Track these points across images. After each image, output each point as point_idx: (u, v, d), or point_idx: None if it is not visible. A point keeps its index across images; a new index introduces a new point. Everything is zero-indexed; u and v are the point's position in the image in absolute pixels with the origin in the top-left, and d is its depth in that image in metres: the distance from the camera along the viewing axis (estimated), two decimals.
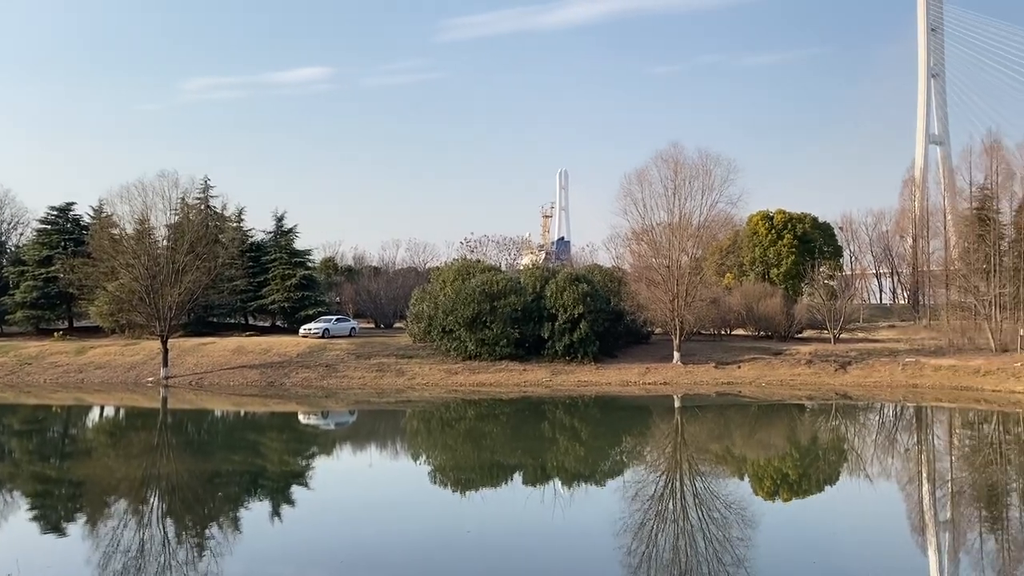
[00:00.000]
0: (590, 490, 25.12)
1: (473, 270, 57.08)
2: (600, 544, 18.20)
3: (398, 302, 67.73)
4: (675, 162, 54.52)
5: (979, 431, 36.10)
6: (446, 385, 49.33)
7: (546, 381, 49.93)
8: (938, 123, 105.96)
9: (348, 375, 50.67)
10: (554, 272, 57.88)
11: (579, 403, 44.66)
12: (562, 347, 52.26)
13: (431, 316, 53.85)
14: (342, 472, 28.38)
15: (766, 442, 34.68)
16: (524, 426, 38.62)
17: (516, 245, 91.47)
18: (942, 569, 16.66)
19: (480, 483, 25.95)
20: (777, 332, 62.80)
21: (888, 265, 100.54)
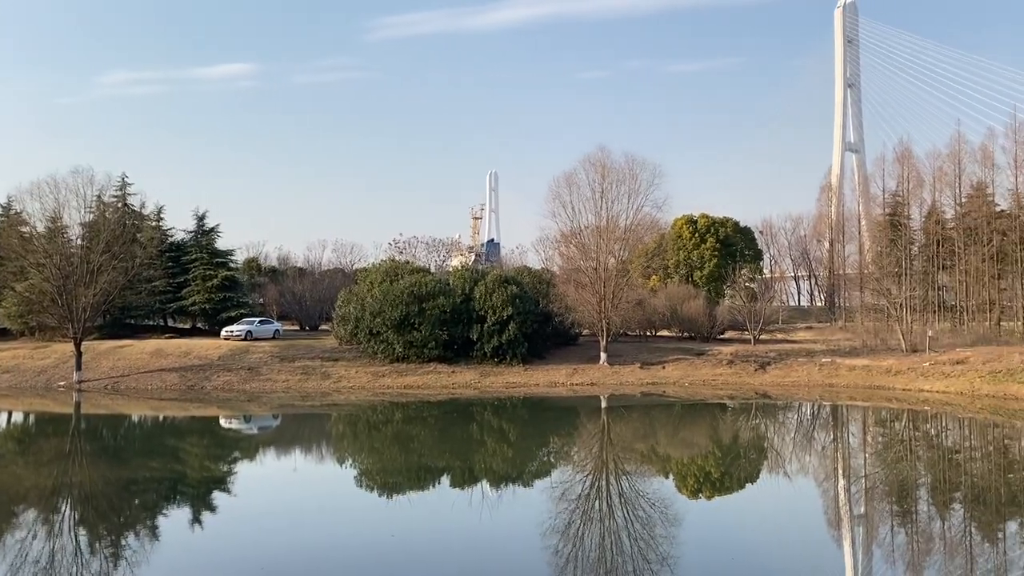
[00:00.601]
0: (518, 491, 25.16)
1: (401, 271, 56.64)
2: (527, 545, 18.23)
3: (324, 304, 66.64)
4: (602, 166, 55.26)
5: (890, 428, 37.56)
6: (373, 388, 48.78)
7: (475, 383, 49.86)
8: (854, 131, 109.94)
9: (272, 378, 49.62)
10: (483, 274, 57.86)
11: (507, 404, 44.74)
12: (491, 349, 52.29)
13: (358, 318, 53.17)
14: (265, 477, 27.74)
15: (689, 441, 35.36)
16: (452, 428, 38.48)
17: (446, 247, 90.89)
18: (856, 562, 17.24)
19: (407, 486, 25.72)
20: (700, 333, 64.19)
21: (806, 268, 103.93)
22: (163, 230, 67.10)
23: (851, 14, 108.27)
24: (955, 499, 22.55)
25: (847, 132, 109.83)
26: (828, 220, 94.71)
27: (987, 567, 16.55)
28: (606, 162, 55.32)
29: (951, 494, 23.16)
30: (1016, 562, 16.74)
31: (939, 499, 22.51)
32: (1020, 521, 20.08)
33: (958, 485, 24.38)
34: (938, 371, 47.15)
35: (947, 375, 46.25)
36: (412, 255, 79.67)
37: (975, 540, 18.58)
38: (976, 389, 43.68)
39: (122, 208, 64.70)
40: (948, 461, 28.53)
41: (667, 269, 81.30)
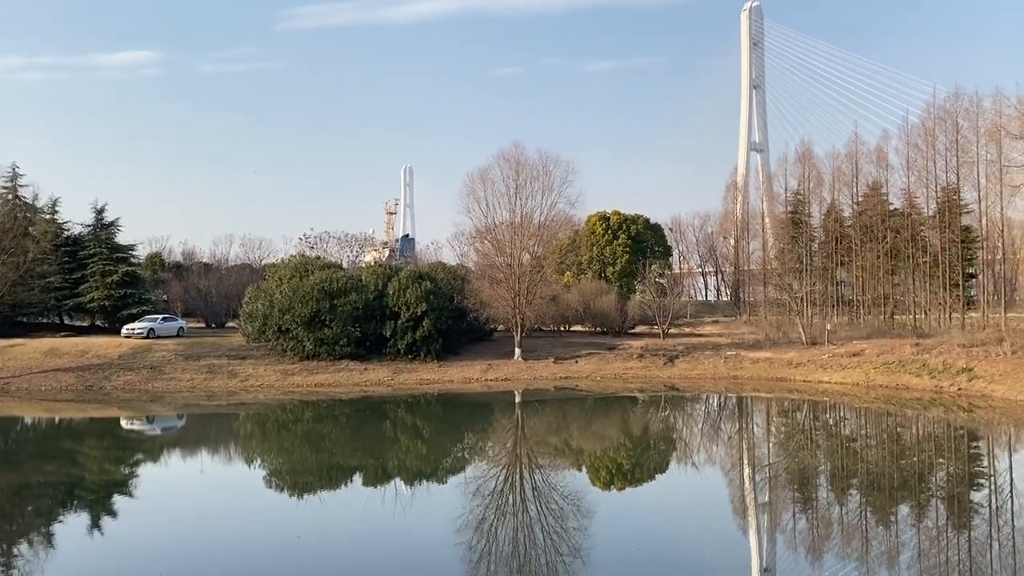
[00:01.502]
0: (432, 488, 24.99)
1: (312, 267, 55.53)
2: (441, 542, 18.12)
3: (231, 300, 64.77)
4: (517, 162, 55.49)
5: (792, 419, 38.99)
6: (282, 387, 47.66)
7: (388, 380, 49.33)
8: (759, 132, 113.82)
9: (176, 377, 47.88)
10: (397, 270, 57.33)
11: (421, 401, 44.43)
12: (404, 345, 51.84)
13: (266, 315, 51.86)
14: (170, 480, 26.71)
15: (601, 434, 35.88)
16: (365, 426, 37.95)
17: (359, 242, 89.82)
18: (761, 548, 17.80)
19: (318, 486, 25.20)
20: (612, 328, 65.27)
21: (713, 264, 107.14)
22: (58, 224, 63.86)
23: (756, 17, 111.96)
24: (852, 485, 23.55)
25: (752, 132, 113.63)
26: (733, 218, 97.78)
27: (881, 549, 17.33)
28: (520, 158, 55.63)
29: (849, 480, 24.19)
30: (908, 543, 17.59)
31: (838, 485, 23.48)
32: (911, 504, 21.11)
33: (855, 472, 25.47)
34: (836, 363, 49.26)
35: (844, 367, 48.35)
36: (323, 250, 78.53)
37: (870, 523, 19.44)
38: (871, 380, 45.81)
39: (13, 200, 61.36)
40: (846, 449, 29.80)
41: (581, 265, 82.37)
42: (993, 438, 32.21)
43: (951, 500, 21.38)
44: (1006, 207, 59.05)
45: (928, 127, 65.42)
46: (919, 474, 24.87)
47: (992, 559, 16.27)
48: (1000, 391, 38.91)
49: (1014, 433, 32.61)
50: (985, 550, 16.84)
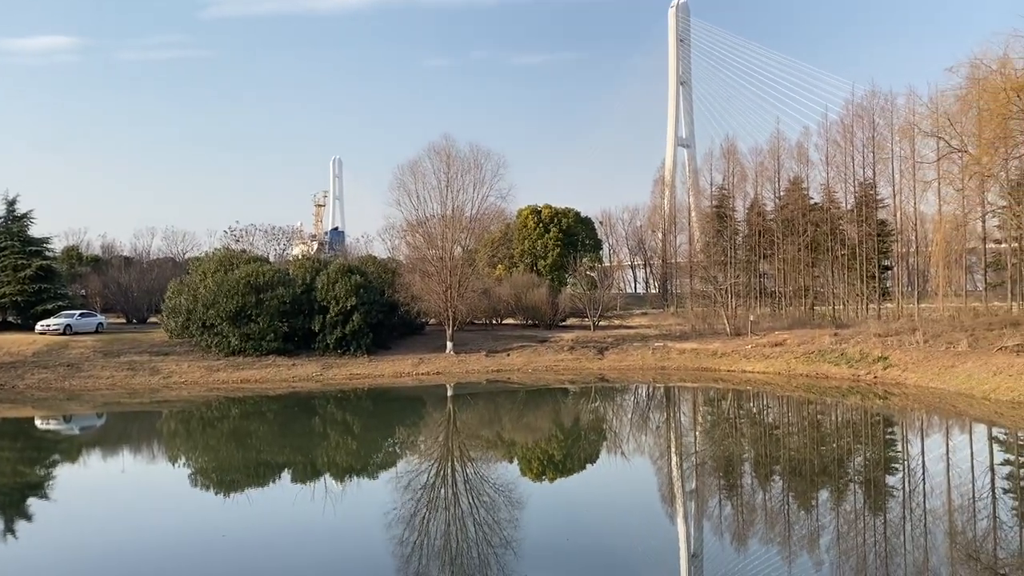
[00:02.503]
0: (362, 483, 24.77)
1: (237, 261, 54.30)
2: (371, 537, 17.97)
3: (153, 295, 62.81)
4: (447, 155, 55.26)
5: (718, 408, 39.94)
6: (207, 383, 46.48)
7: (316, 375, 48.62)
8: (685, 127, 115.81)
9: (95, 375, 46.21)
10: (326, 263, 56.53)
11: (351, 396, 43.94)
12: (334, 340, 51.19)
13: (190, 310, 50.50)
14: (89, 480, 25.78)
15: (533, 425, 36.10)
16: (293, 423, 37.31)
17: (286, 235, 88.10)
18: (688, 535, 18.19)
19: (245, 484, 24.67)
20: (544, 321, 65.72)
21: (642, 257, 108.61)
22: None
23: (683, 14, 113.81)
24: (775, 471, 24.27)
25: (679, 128, 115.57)
26: (661, 212, 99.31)
27: (803, 532, 17.92)
28: (451, 151, 55.42)
29: (772, 467, 24.92)
30: (827, 526, 18.23)
31: (761, 472, 24.17)
32: (831, 489, 21.87)
33: (778, 459, 26.25)
34: (759, 353, 50.67)
35: (767, 356, 49.77)
36: (250, 244, 76.75)
37: (793, 508, 20.07)
38: (792, 369, 47.28)
39: None
40: (769, 436, 30.68)
41: (512, 258, 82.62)
42: (907, 424, 33.61)
43: (868, 484, 22.23)
44: (919, 202, 61.59)
45: (846, 124, 67.79)
46: (838, 460, 25.78)
47: (905, 539, 16.99)
48: (913, 379, 40.63)
49: (926, 419, 34.10)
50: (899, 531, 17.57)
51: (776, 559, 16.01)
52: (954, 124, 40.15)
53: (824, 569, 15.35)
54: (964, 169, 40.59)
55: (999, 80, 36.49)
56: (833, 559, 15.92)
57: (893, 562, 15.49)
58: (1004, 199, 43.08)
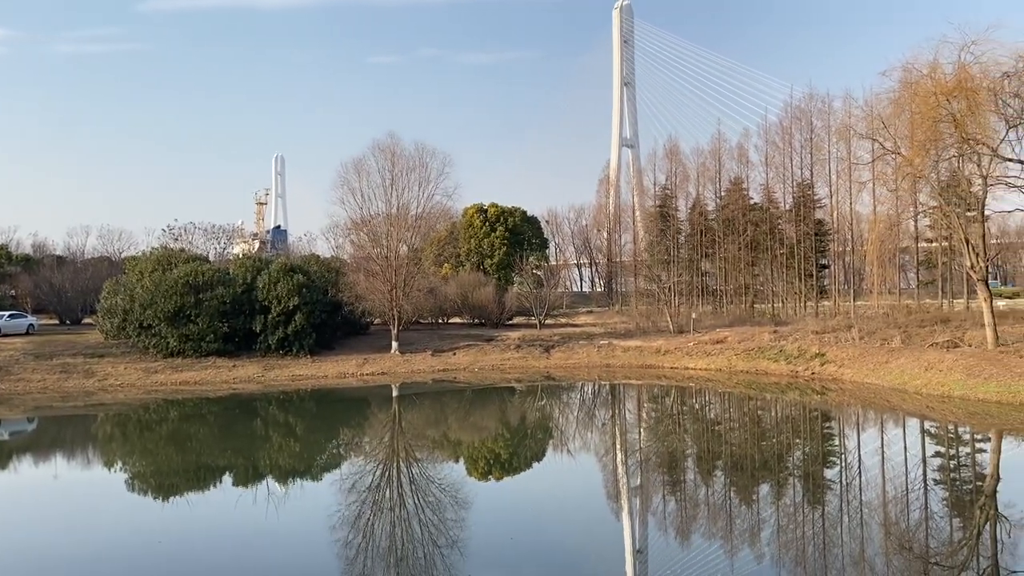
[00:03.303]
0: (306, 486, 24.41)
1: (176, 260, 53.08)
2: (316, 540, 17.71)
3: (88, 296, 61.02)
4: (392, 153, 54.85)
5: (661, 404, 40.43)
6: (144, 386, 45.29)
7: (258, 377, 47.77)
8: (630, 128, 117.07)
9: (25, 378, 44.63)
10: (267, 262, 55.59)
11: (294, 398, 43.29)
12: (276, 341, 50.39)
13: (126, 310, 49.14)
14: (19, 488, 24.88)
15: (479, 425, 36.05)
16: (234, 425, 36.59)
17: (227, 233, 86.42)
18: (633, 531, 18.36)
19: (184, 488, 24.09)
20: (490, 319, 65.75)
21: (587, 256, 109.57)
22: None
23: (627, 16, 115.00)
24: (717, 467, 24.67)
25: (624, 128, 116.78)
26: (606, 211, 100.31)
27: (744, 526, 18.23)
28: (396, 149, 55.02)
29: (714, 462, 25.32)
30: (768, 520, 18.59)
31: (704, 467, 24.54)
32: (771, 483, 22.31)
33: (720, 454, 26.68)
34: (701, 350, 51.47)
35: (709, 354, 50.58)
36: (189, 242, 75.18)
37: (734, 502, 20.42)
38: (733, 366, 48.14)
39: None
40: (711, 433, 31.17)
41: (459, 257, 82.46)
42: (843, 419, 34.51)
43: (807, 478, 22.75)
44: (855, 202, 63.28)
45: (785, 126, 69.40)
46: (778, 454, 26.32)
47: (842, 531, 17.42)
48: (849, 374, 41.72)
49: (861, 414, 35.05)
50: (836, 523, 18.01)
51: (719, 553, 16.26)
52: (888, 126, 41.30)
53: (765, 562, 15.65)
54: (897, 170, 41.77)
55: (930, 84, 37.66)
56: (773, 552, 16.25)
57: (831, 553, 15.87)
58: (935, 200, 44.47)
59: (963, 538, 16.64)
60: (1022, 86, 35.64)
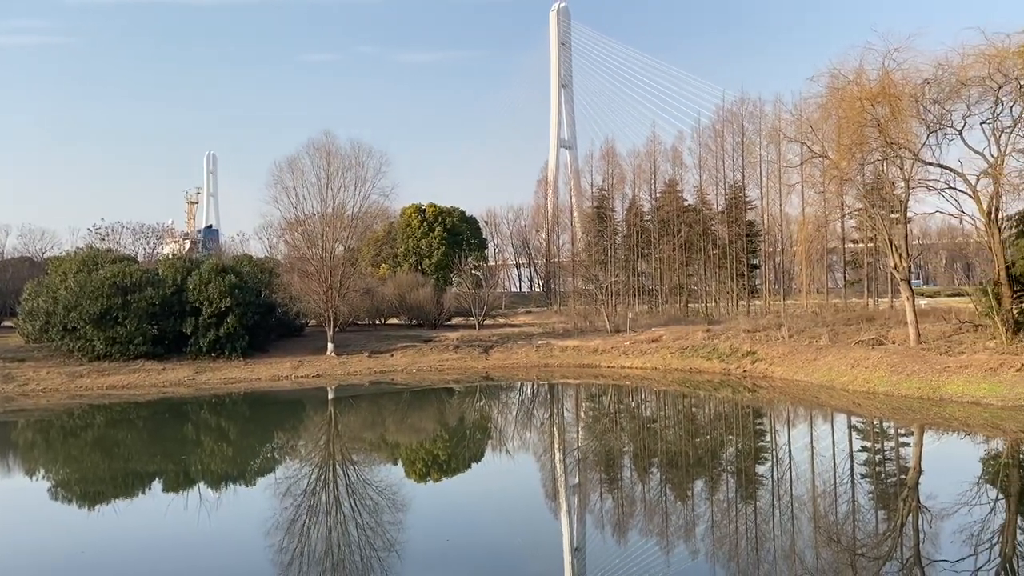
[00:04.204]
0: (239, 491, 23.87)
1: (102, 260, 51.41)
2: (249, 546, 17.33)
3: (7, 297, 58.66)
4: (328, 152, 54.22)
5: (599, 403, 40.80)
6: (69, 390, 43.72)
7: (189, 380, 46.60)
8: (567, 129, 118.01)
9: None
10: (198, 263, 54.30)
11: (227, 401, 42.34)
12: (207, 343, 49.25)
13: (49, 312, 47.37)
14: None
15: (417, 426, 35.82)
16: (164, 429, 35.57)
17: (156, 233, 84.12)
18: (571, 529, 18.45)
19: (111, 496, 23.32)
20: (428, 320, 65.42)
21: (526, 256, 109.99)
22: None
23: (564, 18, 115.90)
24: (653, 464, 25.00)
25: (562, 129, 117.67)
26: (545, 212, 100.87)
27: (679, 522, 18.51)
28: (332, 148, 54.43)
29: (650, 460, 25.66)
30: (702, 515, 18.91)
31: (640, 465, 24.84)
32: (706, 479, 22.71)
33: (655, 451, 27.06)
34: (637, 349, 52.16)
35: (644, 352, 51.30)
36: (116, 242, 73.08)
37: (670, 499, 20.73)
38: (668, 364, 48.92)
39: None
40: (647, 430, 31.59)
41: (396, 257, 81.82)
42: (774, 415, 35.36)
43: (739, 474, 23.23)
44: (784, 203, 65.01)
45: (718, 129, 70.91)
46: (712, 451, 26.81)
47: (774, 525, 17.83)
48: (779, 372, 42.80)
49: (791, 410, 35.98)
50: (768, 518, 18.43)
51: (655, 549, 16.47)
52: (816, 130, 42.52)
53: (699, 557, 15.91)
54: (825, 173, 43.07)
55: (855, 90, 38.90)
56: (708, 547, 16.53)
57: (763, 547, 16.22)
58: (860, 202, 45.96)
59: (888, 529, 17.21)
60: (941, 93, 37.07)
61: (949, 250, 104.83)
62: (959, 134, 37.51)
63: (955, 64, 36.01)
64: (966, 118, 37.19)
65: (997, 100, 35.85)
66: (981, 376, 32.13)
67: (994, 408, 29.75)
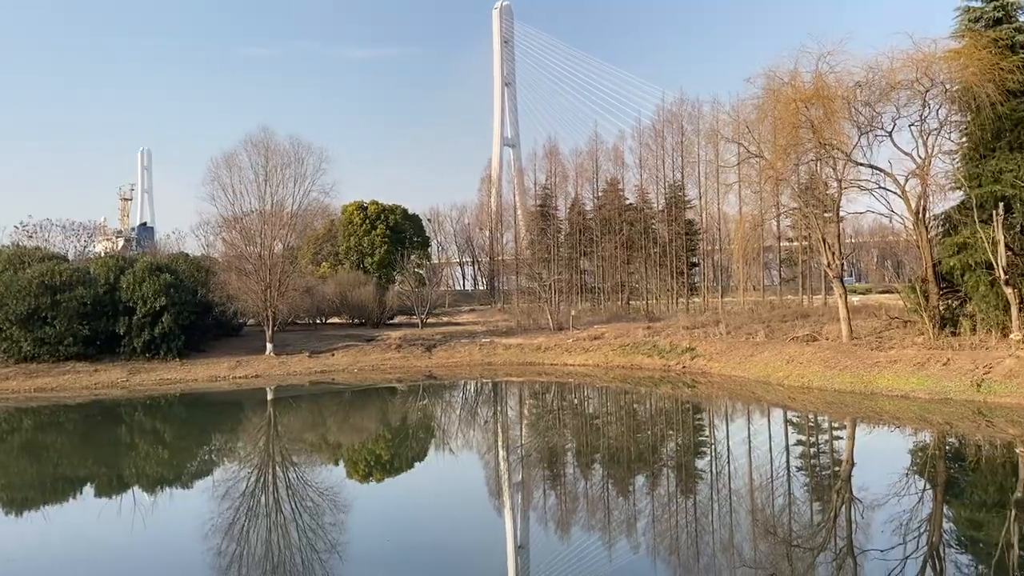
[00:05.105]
0: (175, 494, 23.30)
1: (30, 258, 49.65)
2: (186, 550, 16.92)
3: None
4: (266, 148, 53.37)
5: (542, 400, 41.02)
6: None
7: (122, 381, 45.33)
8: (511, 127, 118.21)
9: None
10: (132, 261, 52.83)
11: (162, 403, 41.29)
12: (141, 344, 47.97)
13: None
14: None
15: (360, 426, 35.49)
16: (96, 433, 34.52)
17: (88, 231, 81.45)
18: (515, 527, 18.50)
19: (40, 502, 22.51)
20: (370, 319, 64.85)
21: (470, 255, 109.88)
22: None
23: (507, 16, 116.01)
24: (596, 460, 25.23)
25: (505, 127, 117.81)
26: (488, 210, 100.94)
27: (621, 517, 18.71)
28: (270, 144, 53.60)
29: (592, 456, 25.88)
30: (644, 510, 19.15)
31: (583, 461, 25.04)
32: (647, 475, 23.02)
33: (598, 447, 27.31)
34: (580, 346, 52.59)
35: (587, 349, 51.74)
36: (45, 240, 70.53)
37: (612, 495, 20.93)
38: (610, 361, 49.43)
39: None
40: (590, 427, 31.86)
41: (338, 256, 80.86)
42: (713, 410, 36.03)
43: (679, 469, 23.60)
44: (722, 203, 66.27)
45: (658, 129, 71.93)
46: (652, 447, 27.19)
47: (713, 519, 18.17)
48: (717, 367, 43.61)
49: (729, 405, 36.71)
50: (708, 511, 18.76)
51: (597, 544, 16.62)
52: (752, 131, 43.44)
53: (641, 551, 16.11)
54: (761, 173, 44.01)
55: (790, 92, 39.85)
56: (649, 541, 16.75)
57: (703, 540, 16.52)
58: (795, 201, 47.16)
59: (822, 521, 17.68)
60: (872, 96, 38.23)
61: (880, 248, 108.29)
62: (889, 136, 38.77)
63: (885, 68, 37.20)
64: (895, 120, 38.47)
65: (924, 103, 37.15)
66: (910, 371, 33.25)
67: (922, 401, 30.82)
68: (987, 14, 37.71)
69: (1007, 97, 35.13)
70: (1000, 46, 35.82)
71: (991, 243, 33.64)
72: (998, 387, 29.73)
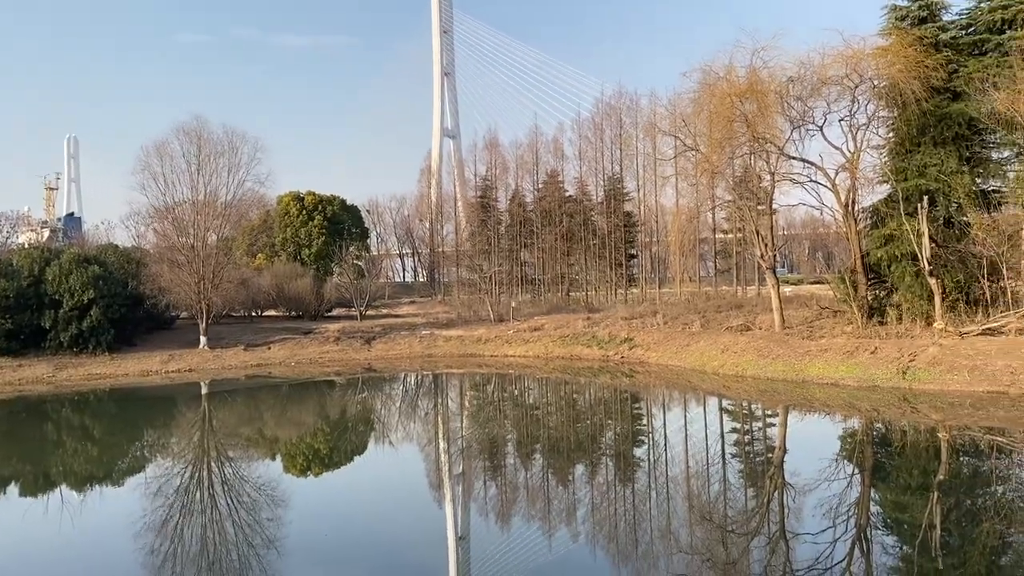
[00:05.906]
0: (106, 492, 22.66)
1: None
2: (117, 549, 16.47)
3: None
4: (199, 136, 52.10)
5: (483, 392, 41.06)
6: None
7: (48, 377, 43.81)
8: (451, 118, 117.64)
9: None
10: (58, 253, 51.01)
11: (91, 399, 40.06)
12: (68, 338, 46.42)
13: None
14: None
15: (297, 420, 35.01)
16: (20, 430, 33.29)
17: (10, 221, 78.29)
18: (456, 518, 18.50)
19: None
20: (308, 312, 63.96)
21: (410, 246, 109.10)
22: None
23: (446, 5, 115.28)
24: (536, 450, 25.37)
25: (445, 118, 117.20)
26: (428, 201, 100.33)
27: (561, 507, 18.87)
28: (203, 133, 52.34)
29: (533, 446, 26.02)
30: (583, 499, 19.35)
31: (523, 452, 25.16)
32: (586, 464, 23.25)
33: (538, 438, 27.47)
34: (520, 338, 52.78)
35: (527, 341, 51.97)
36: None
37: (552, 484, 21.10)
38: (550, 352, 49.75)
39: None
40: (530, 417, 32.03)
41: (274, 247, 79.40)
42: (650, 399, 36.59)
43: (618, 457, 23.91)
44: (659, 195, 67.22)
45: (597, 122, 72.54)
46: (591, 436, 27.48)
47: (651, 506, 18.46)
48: (655, 357, 44.27)
49: (666, 394, 37.33)
50: (646, 499, 19.06)
51: (537, 534, 16.74)
52: (688, 124, 44.11)
53: (580, 539, 16.29)
54: (697, 166, 44.72)
55: (725, 86, 40.56)
56: (588, 530, 16.93)
57: (640, 527, 16.78)
58: (730, 194, 48.10)
59: (756, 506, 18.13)
60: (804, 91, 39.19)
61: (811, 240, 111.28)
62: (820, 130, 39.80)
63: (816, 64, 38.15)
64: (826, 115, 39.50)
65: (854, 99, 38.24)
66: (839, 359, 34.27)
67: (851, 389, 31.81)
68: (913, 13, 39.00)
69: (931, 94, 36.40)
70: (925, 44, 37.09)
71: (916, 235, 34.85)
72: (922, 374, 30.87)
